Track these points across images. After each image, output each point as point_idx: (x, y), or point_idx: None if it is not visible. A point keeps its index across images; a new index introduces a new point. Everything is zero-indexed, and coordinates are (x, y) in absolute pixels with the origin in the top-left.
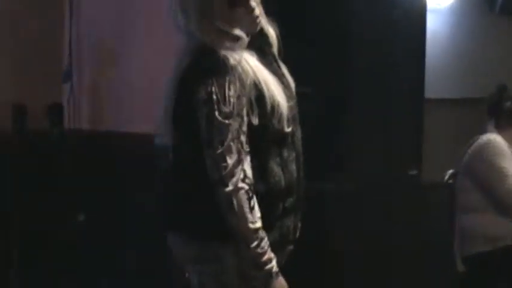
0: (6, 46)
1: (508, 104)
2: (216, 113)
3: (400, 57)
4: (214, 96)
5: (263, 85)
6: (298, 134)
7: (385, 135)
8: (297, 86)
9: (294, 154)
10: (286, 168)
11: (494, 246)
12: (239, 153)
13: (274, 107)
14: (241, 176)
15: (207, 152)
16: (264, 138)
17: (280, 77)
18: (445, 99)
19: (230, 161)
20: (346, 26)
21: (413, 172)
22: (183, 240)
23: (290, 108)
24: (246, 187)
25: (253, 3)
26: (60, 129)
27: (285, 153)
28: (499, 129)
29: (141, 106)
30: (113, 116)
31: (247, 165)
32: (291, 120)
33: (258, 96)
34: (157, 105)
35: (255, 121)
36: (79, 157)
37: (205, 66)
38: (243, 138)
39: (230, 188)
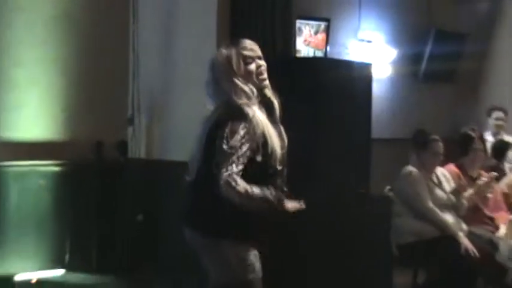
0: (90, 103)
1: (424, 144)
2: (224, 146)
3: (355, 111)
4: (226, 135)
5: (267, 135)
6: (285, 171)
7: (346, 163)
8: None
9: (279, 182)
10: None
11: (416, 239)
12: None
13: (273, 151)
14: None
15: (216, 170)
16: (264, 172)
17: (278, 130)
18: (383, 139)
19: (226, 173)
20: (320, 92)
21: (363, 188)
22: (199, 235)
23: (282, 154)
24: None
25: (259, 62)
26: (126, 159)
27: (276, 182)
28: (419, 160)
29: (183, 142)
30: (162, 149)
31: (238, 177)
32: (282, 162)
33: (263, 142)
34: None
35: (259, 158)
36: (139, 178)
37: (228, 115)
38: (240, 167)
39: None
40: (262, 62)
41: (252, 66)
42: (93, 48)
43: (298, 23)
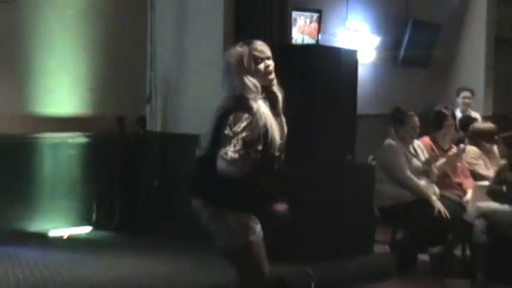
0: (113, 84)
1: (402, 119)
2: (226, 131)
3: (343, 91)
4: (229, 122)
5: (269, 127)
6: (282, 156)
7: (336, 135)
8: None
9: (277, 165)
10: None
11: (395, 202)
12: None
13: (272, 140)
14: (224, 155)
15: (219, 152)
16: (264, 158)
17: (279, 121)
18: (367, 115)
19: (222, 152)
20: (312, 74)
21: (350, 157)
22: (204, 204)
23: (281, 143)
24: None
25: (268, 62)
26: (144, 132)
27: (274, 165)
28: (397, 133)
29: (192, 118)
30: (175, 123)
31: (230, 152)
32: (280, 149)
33: (265, 132)
34: (202, 119)
35: (260, 147)
36: (155, 148)
37: (235, 107)
38: (238, 147)
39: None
40: (271, 62)
41: (261, 66)
42: (116, 37)
43: (294, 13)
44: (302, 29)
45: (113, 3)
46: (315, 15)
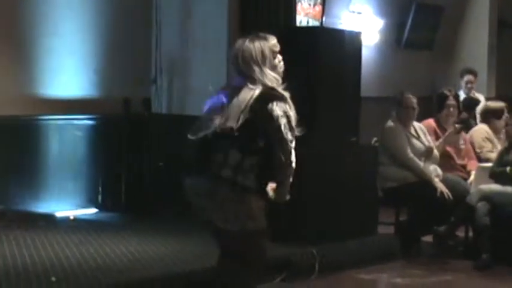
0: (119, 66)
1: (400, 101)
2: (292, 123)
3: (348, 72)
4: (289, 114)
5: (293, 110)
6: None
7: (340, 117)
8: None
9: None
10: None
11: (398, 184)
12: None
13: (294, 122)
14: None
15: (281, 144)
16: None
17: None
18: (370, 97)
19: (285, 157)
20: (317, 56)
21: (354, 139)
22: (220, 184)
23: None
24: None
25: (280, 56)
26: (149, 113)
27: None
28: (397, 115)
29: (198, 100)
30: (180, 105)
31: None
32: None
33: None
34: (206, 100)
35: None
36: (160, 130)
37: (275, 96)
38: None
39: (294, 164)
40: (281, 57)
41: (277, 60)
42: (122, 20)
43: None
44: (306, 12)
45: None
46: None
